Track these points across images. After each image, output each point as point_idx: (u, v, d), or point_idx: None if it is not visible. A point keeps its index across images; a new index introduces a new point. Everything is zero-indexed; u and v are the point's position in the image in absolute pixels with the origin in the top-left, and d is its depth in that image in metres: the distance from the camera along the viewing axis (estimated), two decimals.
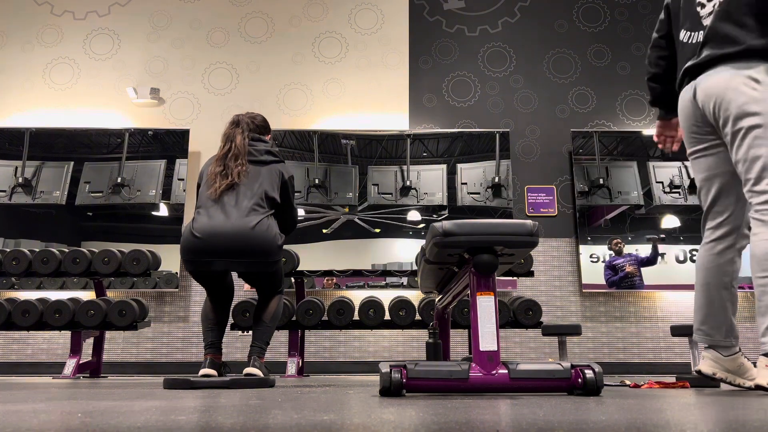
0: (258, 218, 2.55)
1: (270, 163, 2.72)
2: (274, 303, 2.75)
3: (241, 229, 2.51)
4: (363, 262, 4.86)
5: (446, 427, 0.93)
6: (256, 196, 2.60)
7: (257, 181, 2.64)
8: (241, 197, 2.59)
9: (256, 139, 2.76)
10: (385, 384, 1.62)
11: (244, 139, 2.70)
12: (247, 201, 2.58)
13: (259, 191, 2.62)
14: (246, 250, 2.52)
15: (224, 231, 2.51)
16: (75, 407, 1.33)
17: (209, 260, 2.54)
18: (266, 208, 2.62)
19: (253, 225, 2.52)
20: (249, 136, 2.73)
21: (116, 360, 4.75)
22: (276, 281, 2.75)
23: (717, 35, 1.92)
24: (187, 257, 2.56)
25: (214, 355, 2.60)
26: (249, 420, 1.04)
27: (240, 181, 2.60)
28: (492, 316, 1.73)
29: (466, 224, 1.77)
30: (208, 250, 2.51)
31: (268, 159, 2.72)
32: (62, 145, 5.10)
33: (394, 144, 5.14)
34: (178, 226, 4.94)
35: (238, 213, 2.54)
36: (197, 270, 2.61)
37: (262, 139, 2.80)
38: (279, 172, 2.73)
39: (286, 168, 2.79)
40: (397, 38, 5.43)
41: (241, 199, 2.58)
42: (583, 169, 5.07)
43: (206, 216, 2.56)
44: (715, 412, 1.22)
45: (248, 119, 2.80)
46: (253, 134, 2.77)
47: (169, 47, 5.42)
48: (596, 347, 4.80)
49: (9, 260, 3.78)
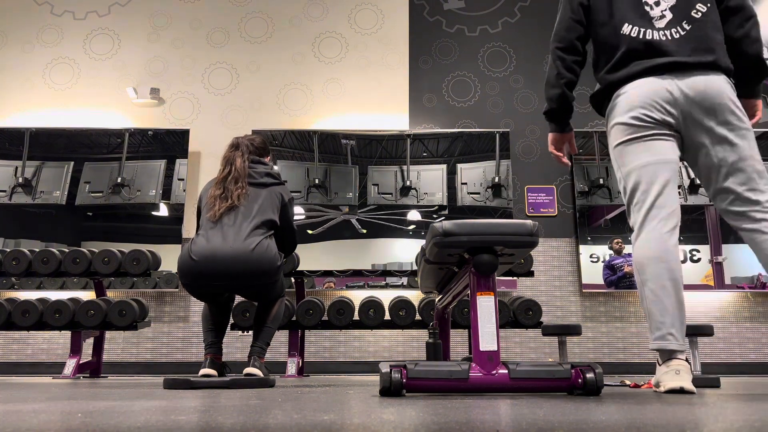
0: (257, 239, 2.53)
1: (270, 185, 2.73)
2: (275, 305, 2.76)
3: (240, 252, 2.49)
4: (363, 262, 4.86)
5: (446, 427, 0.93)
6: (256, 219, 2.60)
7: (257, 203, 2.64)
8: (241, 219, 2.58)
9: (256, 162, 2.77)
10: (385, 384, 1.62)
11: (245, 161, 2.70)
12: (247, 223, 2.57)
13: (259, 213, 2.62)
14: (245, 273, 2.51)
15: (223, 253, 2.49)
16: (75, 407, 1.33)
17: (207, 284, 2.53)
18: (266, 229, 2.62)
19: (253, 247, 2.50)
20: (249, 159, 2.73)
21: (116, 360, 4.75)
22: (277, 291, 2.75)
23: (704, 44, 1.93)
24: (185, 281, 2.55)
25: (214, 355, 2.60)
26: (249, 420, 1.04)
27: (240, 203, 2.60)
28: (492, 316, 1.73)
29: (466, 224, 1.77)
30: (206, 274, 2.50)
31: (268, 181, 2.73)
32: (62, 145, 5.10)
33: (394, 144, 5.14)
34: (178, 226, 4.94)
35: (236, 235, 2.52)
36: (195, 292, 2.62)
37: (262, 162, 2.80)
38: (279, 194, 2.74)
39: (286, 190, 2.80)
40: (397, 38, 5.43)
41: (240, 221, 2.57)
42: (583, 169, 5.07)
43: (204, 239, 2.55)
44: (715, 412, 1.22)
45: (248, 141, 2.80)
46: (253, 156, 2.77)
47: (169, 47, 5.42)
48: (596, 347, 4.80)
49: (9, 260, 3.78)
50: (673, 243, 1.87)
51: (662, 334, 1.81)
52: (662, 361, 1.82)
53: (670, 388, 1.73)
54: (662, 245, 1.86)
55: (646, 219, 1.91)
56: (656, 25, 1.97)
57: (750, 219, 1.84)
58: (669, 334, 1.81)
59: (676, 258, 1.86)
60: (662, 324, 1.81)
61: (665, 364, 1.80)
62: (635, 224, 1.96)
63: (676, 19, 1.96)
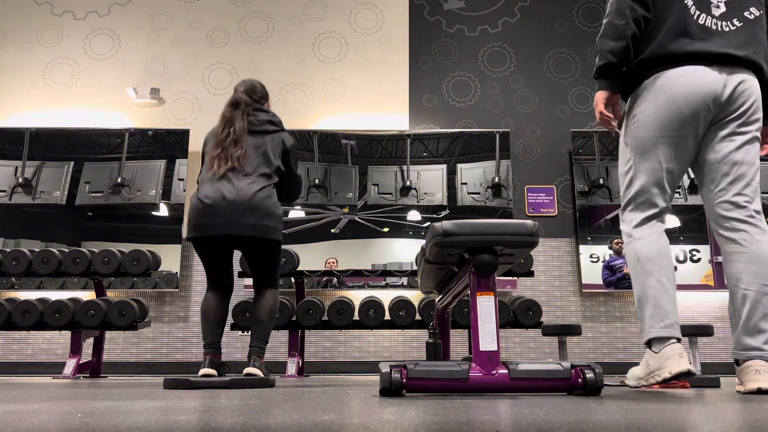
0: (259, 186, 2.62)
1: (272, 132, 2.74)
2: (269, 298, 2.72)
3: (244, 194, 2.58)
4: (363, 262, 4.86)
5: (446, 427, 0.93)
6: (259, 168, 2.65)
7: (258, 154, 2.67)
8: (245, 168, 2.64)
9: (257, 110, 2.76)
10: (385, 384, 1.62)
11: (244, 122, 2.70)
12: (251, 170, 2.63)
13: (261, 164, 2.66)
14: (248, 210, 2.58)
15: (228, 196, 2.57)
16: (75, 407, 1.33)
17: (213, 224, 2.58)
18: (268, 178, 2.67)
19: (255, 191, 2.59)
20: (249, 113, 2.73)
21: (116, 360, 4.75)
22: (274, 264, 2.76)
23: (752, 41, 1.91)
24: (195, 222, 2.61)
25: (213, 354, 2.60)
26: (249, 420, 1.04)
27: (240, 165, 2.63)
28: (492, 316, 1.73)
29: (466, 224, 1.77)
30: (214, 213, 2.57)
31: (269, 128, 2.75)
32: (62, 145, 5.10)
33: (394, 144, 5.14)
34: (178, 226, 4.94)
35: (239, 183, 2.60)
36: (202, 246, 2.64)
37: (263, 109, 2.80)
38: (281, 139, 2.76)
39: (288, 136, 2.82)
40: (397, 38, 5.43)
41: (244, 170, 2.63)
42: (583, 169, 5.07)
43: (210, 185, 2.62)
44: (715, 411, 1.22)
45: (246, 97, 2.77)
46: (254, 105, 2.76)
47: (169, 47, 5.42)
48: (596, 347, 4.80)
49: (9, 260, 3.78)
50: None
51: (671, 322, 1.84)
52: (659, 348, 1.84)
53: (678, 371, 1.76)
54: (667, 242, 1.95)
55: (654, 216, 1.95)
56: (713, 12, 1.93)
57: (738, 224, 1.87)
58: (676, 323, 1.85)
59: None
60: (670, 313, 1.85)
61: (667, 348, 1.81)
62: (637, 219, 1.96)
63: (729, 13, 1.94)
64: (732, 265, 1.86)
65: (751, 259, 1.82)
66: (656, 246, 1.92)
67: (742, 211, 1.86)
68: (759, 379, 1.71)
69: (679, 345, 1.82)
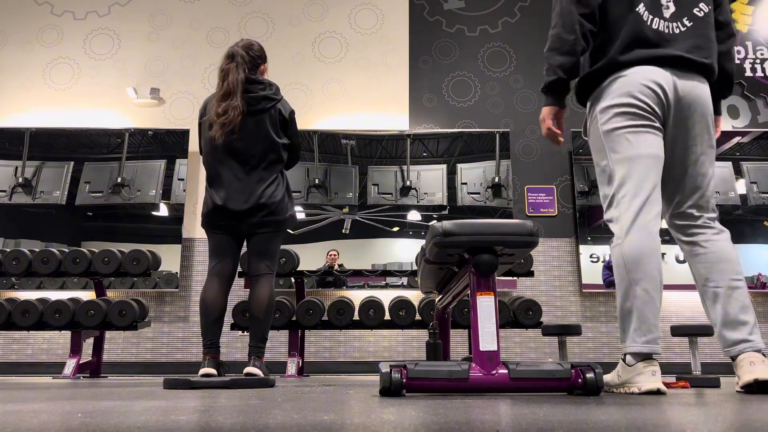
0: (266, 183, 2.68)
1: (269, 109, 2.73)
2: (266, 290, 2.68)
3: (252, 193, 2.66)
4: (363, 262, 4.86)
5: (446, 427, 0.93)
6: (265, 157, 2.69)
7: (261, 135, 2.68)
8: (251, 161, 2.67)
9: (251, 82, 2.71)
10: (385, 384, 1.62)
11: (239, 73, 2.67)
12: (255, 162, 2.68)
13: (267, 148, 2.70)
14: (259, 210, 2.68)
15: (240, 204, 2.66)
16: (75, 407, 1.33)
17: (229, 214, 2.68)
18: (275, 165, 2.72)
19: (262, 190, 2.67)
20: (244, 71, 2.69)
21: (116, 360, 4.75)
22: (275, 250, 2.77)
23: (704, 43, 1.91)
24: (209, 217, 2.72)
25: (213, 354, 2.60)
26: (249, 420, 1.04)
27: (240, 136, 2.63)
28: (492, 316, 1.73)
29: (466, 224, 1.77)
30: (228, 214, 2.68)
31: (266, 105, 2.72)
32: (62, 145, 5.10)
33: (394, 144, 5.14)
34: (178, 226, 4.94)
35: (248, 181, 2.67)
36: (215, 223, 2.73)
37: (258, 80, 2.74)
38: (278, 111, 2.75)
39: (285, 105, 2.81)
40: (397, 38, 5.43)
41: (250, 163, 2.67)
42: (583, 169, 5.07)
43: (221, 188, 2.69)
44: (715, 411, 1.22)
45: (243, 52, 2.73)
46: (249, 76, 2.71)
47: (169, 47, 5.42)
48: (596, 347, 4.80)
49: (9, 260, 3.78)
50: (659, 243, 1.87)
51: (654, 337, 1.79)
52: (635, 362, 1.79)
53: (648, 389, 1.73)
54: (656, 243, 1.83)
55: (639, 213, 1.83)
56: (664, 14, 1.93)
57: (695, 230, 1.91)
58: (658, 338, 1.80)
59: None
60: (654, 327, 1.79)
61: (642, 364, 1.77)
62: (621, 217, 1.86)
63: (679, 12, 1.93)
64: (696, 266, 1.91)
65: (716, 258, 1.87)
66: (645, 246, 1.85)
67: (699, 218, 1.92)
68: (754, 370, 1.71)
69: (655, 362, 1.77)
